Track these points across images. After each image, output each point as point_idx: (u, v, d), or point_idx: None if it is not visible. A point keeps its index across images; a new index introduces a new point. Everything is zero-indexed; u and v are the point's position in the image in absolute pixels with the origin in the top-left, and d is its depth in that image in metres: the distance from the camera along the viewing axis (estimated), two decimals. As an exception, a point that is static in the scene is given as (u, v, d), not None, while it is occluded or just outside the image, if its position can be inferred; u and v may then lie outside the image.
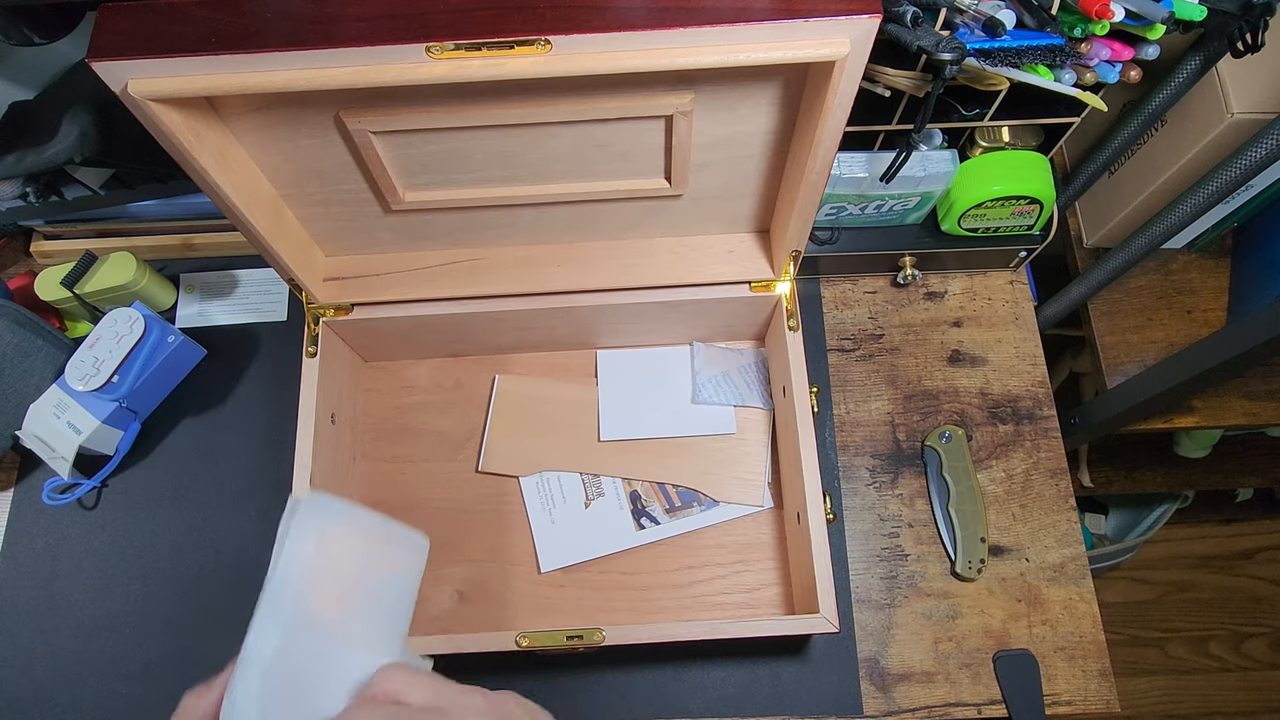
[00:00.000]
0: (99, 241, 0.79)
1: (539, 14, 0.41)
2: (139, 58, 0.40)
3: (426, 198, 0.58)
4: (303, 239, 0.62)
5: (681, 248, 0.65)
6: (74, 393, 0.69)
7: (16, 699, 0.67)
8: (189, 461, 0.73)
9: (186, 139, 0.45)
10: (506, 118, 0.50)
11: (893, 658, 0.67)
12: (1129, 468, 1.21)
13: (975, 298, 0.79)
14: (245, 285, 0.80)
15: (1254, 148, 0.62)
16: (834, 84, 0.44)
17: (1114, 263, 0.77)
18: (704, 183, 0.58)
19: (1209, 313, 0.87)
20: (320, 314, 0.65)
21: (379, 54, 0.41)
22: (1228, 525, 1.52)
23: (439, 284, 0.65)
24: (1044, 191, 0.67)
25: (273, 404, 0.74)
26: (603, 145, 0.54)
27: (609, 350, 0.75)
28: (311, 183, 0.56)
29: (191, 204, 0.77)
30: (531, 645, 0.55)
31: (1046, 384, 0.75)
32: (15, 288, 0.76)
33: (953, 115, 0.61)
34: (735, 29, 0.41)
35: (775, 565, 0.69)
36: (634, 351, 0.75)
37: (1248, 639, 1.46)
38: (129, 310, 0.70)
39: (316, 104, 0.49)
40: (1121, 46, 0.54)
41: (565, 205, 0.60)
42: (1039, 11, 0.51)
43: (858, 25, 0.41)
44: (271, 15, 0.41)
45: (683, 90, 0.49)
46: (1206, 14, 0.52)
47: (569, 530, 0.70)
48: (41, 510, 0.72)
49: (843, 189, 0.67)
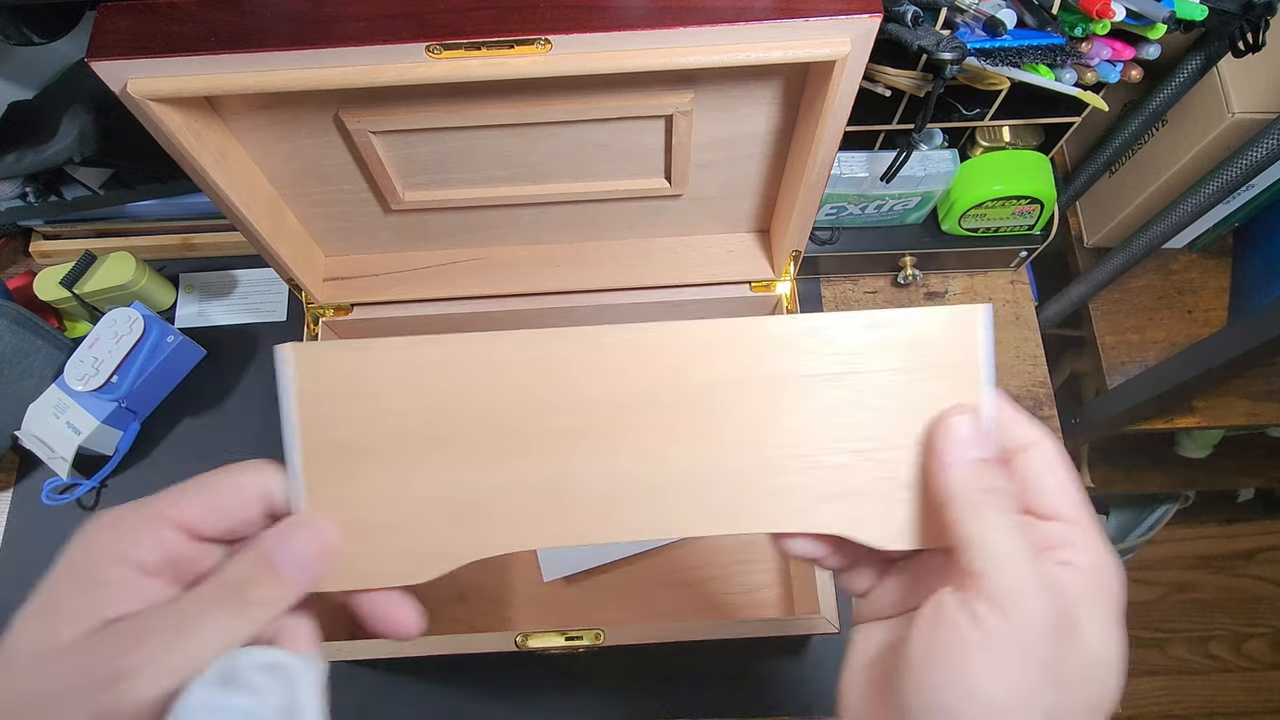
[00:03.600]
0: (98, 241, 0.79)
1: (539, 14, 0.41)
2: (139, 57, 0.40)
3: (426, 198, 0.58)
4: (302, 239, 0.62)
5: (681, 248, 0.65)
6: (73, 393, 0.69)
7: (16, 699, 0.67)
8: (189, 461, 0.73)
9: (186, 139, 0.45)
10: (506, 117, 0.50)
11: (893, 658, 0.67)
12: (1130, 468, 1.21)
13: (976, 297, 0.78)
14: (245, 285, 0.80)
15: (1255, 147, 0.62)
16: (834, 84, 0.43)
17: (1115, 262, 0.77)
18: (704, 183, 0.58)
19: (1210, 312, 0.87)
20: (320, 314, 0.65)
21: (379, 54, 0.41)
22: (1229, 525, 1.52)
23: (439, 284, 0.65)
24: (1045, 191, 0.67)
25: (272, 404, 0.74)
26: (602, 145, 0.54)
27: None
28: (311, 183, 0.56)
29: (191, 204, 0.77)
30: (531, 646, 0.55)
31: (1047, 384, 0.75)
32: (14, 288, 0.76)
33: (953, 115, 0.61)
34: (735, 28, 0.41)
35: (775, 565, 0.69)
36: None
37: (1248, 639, 1.46)
38: (128, 310, 0.70)
39: (316, 104, 0.49)
40: (1122, 46, 0.54)
41: (565, 205, 0.60)
42: (1040, 11, 0.51)
43: (858, 25, 0.41)
44: (271, 15, 0.41)
45: (683, 90, 0.49)
46: (1207, 13, 0.52)
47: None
48: (41, 510, 0.72)
49: (843, 189, 0.67)
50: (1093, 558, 0.27)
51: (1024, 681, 0.24)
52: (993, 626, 0.25)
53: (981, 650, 0.25)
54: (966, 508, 0.27)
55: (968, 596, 0.26)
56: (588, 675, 0.66)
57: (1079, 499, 0.28)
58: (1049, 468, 0.29)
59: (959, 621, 0.25)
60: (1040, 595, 0.25)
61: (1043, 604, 0.25)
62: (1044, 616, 0.25)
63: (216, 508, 0.28)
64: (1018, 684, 0.24)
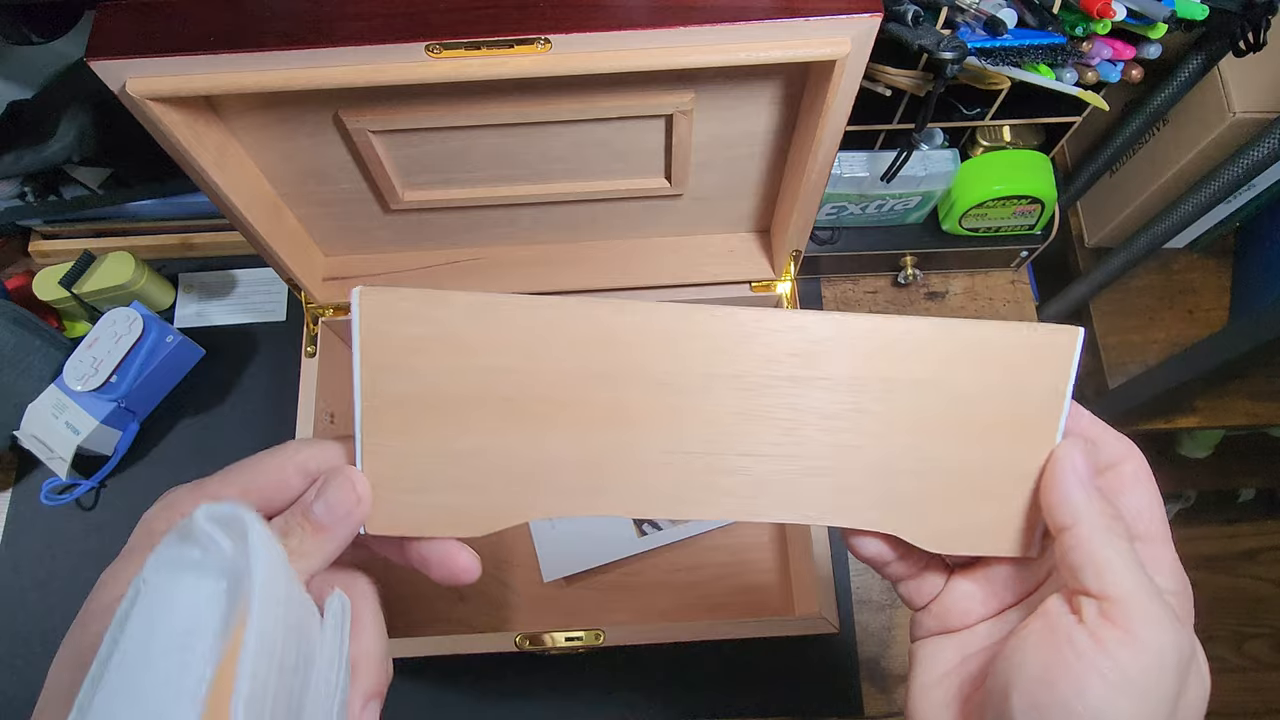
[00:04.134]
0: (97, 241, 0.79)
1: (539, 13, 0.41)
2: (138, 57, 0.40)
3: (426, 197, 0.57)
4: (302, 239, 0.62)
5: (682, 247, 0.65)
6: (72, 393, 0.68)
7: (15, 699, 0.67)
8: (188, 461, 0.73)
9: (186, 139, 0.45)
10: (506, 117, 0.50)
11: (893, 658, 0.66)
12: (1130, 468, 1.21)
13: (976, 297, 0.78)
14: (244, 285, 0.80)
15: (1256, 147, 0.62)
16: (834, 83, 0.43)
17: (1116, 262, 0.77)
18: (704, 182, 0.58)
19: (1211, 313, 0.87)
20: (320, 314, 0.65)
21: (378, 53, 0.41)
22: (1230, 526, 1.52)
23: (439, 284, 0.65)
24: (1045, 191, 0.66)
25: (272, 404, 0.74)
26: (603, 144, 0.54)
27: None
28: (311, 182, 0.56)
29: (190, 204, 0.77)
30: (531, 646, 0.55)
31: (1048, 384, 0.75)
32: (13, 288, 0.76)
33: (954, 115, 0.61)
34: (736, 28, 0.41)
35: (775, 565, 0.68)
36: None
37: (1249, 639, 1.46)
38: (127, 310, 0.70)
39: (316, 103, 0.49)
40: (1123, 45, 0.54)
41: (565, 205, 0.60)
42: (1040, 10, 0.51)
43: (858, 24, 0.41)
44: (271, 15, 0.41)
45: (683, 89, 0.49)
46: (1208, 13, 0.52)
47: (571, 539, 0.69)
48: (40, 511, 0.72)
49: (843, 188, 0.66)
50: (1174, 576, 0.28)
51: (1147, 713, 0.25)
52: (1123, 657, 0.25)
53: (1106, 677, 0.25)
54: (1096, 530, 0.27)
55: (1092, 619, 0.26)
56: (588, 675, 0.66)
57: (1163, 517, 0.29)
58: (1139, 484, 0.29)
59: (1080, 643, 0.25)
60: (1175, 633, 0.25)
61: (1177, 641, 0.25)
62: (1179, 654, 0.25)
63: (259, 484, 0.29)
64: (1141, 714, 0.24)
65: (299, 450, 0.30)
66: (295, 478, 0.29)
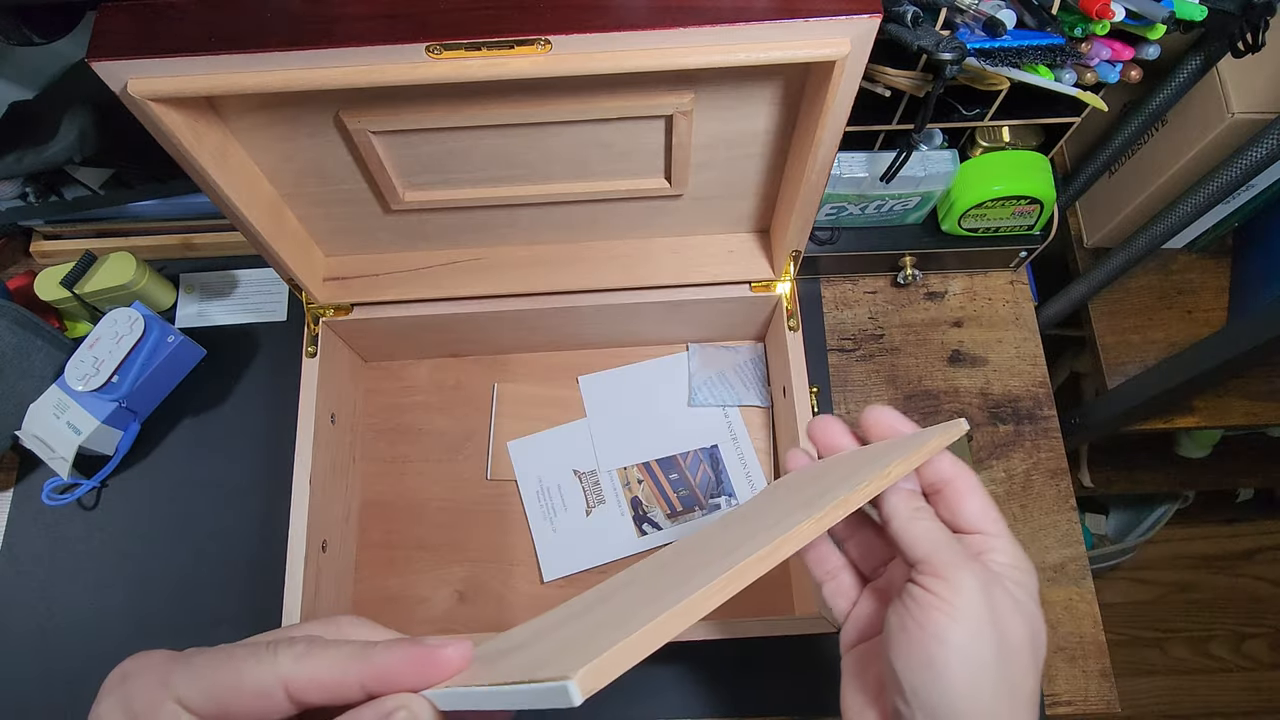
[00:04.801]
0: (99, 241, 0.79)
1: (539, 14, 0.41)
2: (139, 57, 0.40)
3: (426, 198, 0.58)
4: (302, 239, 0.62)
5: (681, 247, 0.65)
6: (73, 393, 0.69)
7: (15, 699, 0.67)
8: (189, 462, 0.73)
9: (186, 139, 0.45)
10: (506, 117, 0.50)
11: (893, 658, 0.67)
12: (1129, 468, 1.21)
13: (975, 298, 0.79)
14: (245, 285, 0.80)
15: (1254, 147, 0.62)
16: (834, 84, 0.44)
17: (1114, 263, 0.77)
18: (704, 182, 0.58)
19: (1210, 313, 0.87)
20: (320, 314, 0.65)
21: (379, 54, 0.41)
22: (1228, 525, 1.52)
23: (439, 284, 0.65)
24: (1044, 191, 0.67)
25: (273, 404, 0.74)
26: (603, 145, 0.54)
27: (591, 375, 0.75)
28: (311, 183, 0.56)
29: (191, 204, 0.77)
30: (531, 645, 0.55)
31: (1047, 384, 0.75)
32: (15, 288, 0.76)
33: (953, 115, 0.61)
34: (735, 29, 0.41)
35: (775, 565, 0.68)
36: (619, 371, 0.75)
37: (1248, 639, 1.46)
38: (129, 310, 0.70)
39: (316, 104, 0.49)
40: (1122, 46, 0.54)
41: (565, 205, 0.60)
42: (1039, 11, 0.51)
43: (858, 25, 0.41)
44: (271, 15, 0.41)
45: (683, 90, 0.49)
46: (1207, 14, 0.52)
47: (571, 538, 0.69)
48: (41, 511, 0.72)
49: (843, 189, 0.67)
50: (1012, 555, 0.35)
51: (975, 627, 0.31)
52: (941, 592, 0.32)
53: (938, 611, 0.31)
54: (905, 519, 0.35)
55: (919, 578, 0.33)
56: (588, 675, 0.66)
57: (997, 516, 0.36)
58: (971, 493, 0.36)
59: (916, 595, 0.32)
60: (969, 564, 0.33)
61: (973, 571, 0.32)
62: (977, 581, 0.32)
63: (230, 701, 0.26)
64: (970, 629, 0.31)
65: (291, 667, 0.26)
66: (280, 701, 0.26)
